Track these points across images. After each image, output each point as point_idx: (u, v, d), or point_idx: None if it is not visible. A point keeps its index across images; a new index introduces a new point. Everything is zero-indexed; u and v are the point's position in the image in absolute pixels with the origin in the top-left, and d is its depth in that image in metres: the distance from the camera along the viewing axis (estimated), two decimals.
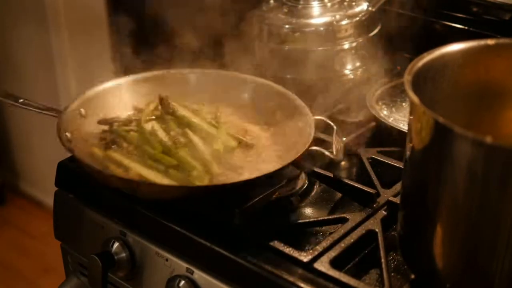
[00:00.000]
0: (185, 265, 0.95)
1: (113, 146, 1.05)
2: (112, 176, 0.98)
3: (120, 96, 1.15)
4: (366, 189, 0.99)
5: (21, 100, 1.09)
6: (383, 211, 0.97)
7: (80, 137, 1.05)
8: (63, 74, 2.29)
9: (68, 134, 1.02)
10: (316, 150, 1.02)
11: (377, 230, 0.93)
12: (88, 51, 2.24)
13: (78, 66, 2.28)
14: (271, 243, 0.91)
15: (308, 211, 1.03)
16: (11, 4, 2.35)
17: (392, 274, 0.89)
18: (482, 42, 0.87)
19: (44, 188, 2.62)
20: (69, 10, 2.22)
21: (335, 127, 1.06)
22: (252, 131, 1.12)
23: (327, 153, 1.01)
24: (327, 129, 1.09)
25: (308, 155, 1.01)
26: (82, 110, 1.09)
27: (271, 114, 1.13)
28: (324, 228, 0.97)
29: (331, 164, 1.11)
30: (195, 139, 1.06)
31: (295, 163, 0.99)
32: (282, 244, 0.90)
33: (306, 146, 0.99)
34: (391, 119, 1.18)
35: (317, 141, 1.04)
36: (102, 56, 2.25)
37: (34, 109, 1.07)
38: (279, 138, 1.10)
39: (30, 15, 2.29)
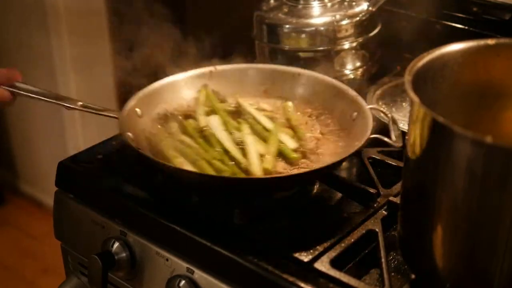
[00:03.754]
0: (185, 265, 0.95)
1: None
2: (181, 170, 0.97)
3: (174, 92, 1.16)
4: (366, 189, 0.99)
5: (80, 103, 1.08)
6: (383, 211, 0.97)
7: (142, 136, 1.06)
8: (64, 77, 2.29)
9: (130, 134, 1.03)
10: (377, 138, 1.02)
11: (377, 230, 0.93)
12: (88, 54, 2.24)
13: (78, 69, 2.28)
14: (271, 243, 0.91)
15: (308, 211, 1.03)
16: (12, 7, 2.35)
17: (392, 274, 0.89)
18: (482, 42, 0.87)
19: (44, 188, 2.62)
20: (70, 13, 2.22)
21: (390, 115, 1.07)
22: (309, 124, 1.13)
23: (387, 140, 1.02)
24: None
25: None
26: (138, 110, 1.09)
27: (326, 106, 1.14)
28: (324, 227, 0.97)
29: None
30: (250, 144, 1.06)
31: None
32: (282, 244, 0.90)
33: (368, 134, 1.00)
34: None
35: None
36: (102, 59, 2.25)
37: (94, 112, 1.07)
38: (337, 129, 1.11)
39: (31, 18, 2.29)
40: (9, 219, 2.67)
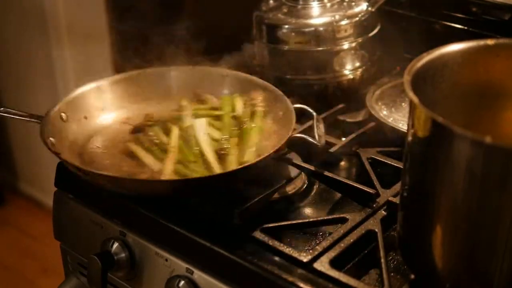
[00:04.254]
0: (184, 265, 0.95)
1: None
2: (101, 175, 0.98)
3: (100, 98, 1.16)
4: (365, 189, 0.99)
5: (1, 109, 1.09)
6: (383, 211, 0.97)
7: (65, 141, 1.07)
8: (64, 83, 2.29)
9: (52, 139, 1.04)
10: (299, 137, 1.02)
11: (376, 230, 0.93)
12: (89, 60, 2.24)
13: (79, 75, 2.28)
14: (271, 243, 0.91)
15: (308, 211, 1.03)
16: (12, 14, 2.35)
17: (392, 274, 0.89)
18: (481, 42, 0.87)
19: (43, 188, 2.62)
20: (70, 20, 2.22)
21: (314, 114, 1.07)
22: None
23: (310, 139, 1.01)
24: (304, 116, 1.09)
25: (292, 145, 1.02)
26: (63, 115, 1.10)
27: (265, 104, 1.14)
28: (324, 228, 0.97)
29: (330, 163, 1.11)
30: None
31: (277, 154, 1.00)
32: (282, 244, 0.90)
33: (289, 134, 1.00)
34: (391, 119, 1.18)
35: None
36: (103, 65, 2.25)
37: (16, 117, 1.09)
38: (272, 129, 1.10)
39: (31, 24, 2.29)
40: (9, 219, 2.67)
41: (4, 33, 2.44)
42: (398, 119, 1.18)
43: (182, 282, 0.94)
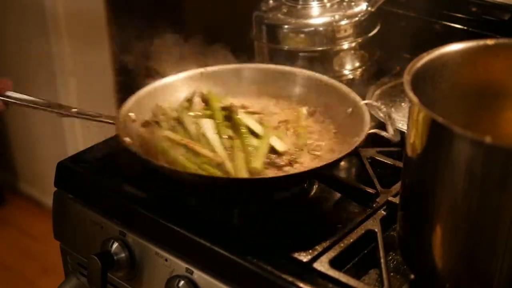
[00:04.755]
0: (184, 265, 0.95)
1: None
2: (188, 174, 0.96)
3: (167, 95, 1.15)
4: (365, 189, 0.99)
5: (75, 110, 1.08)
6: (383, 211, 0.97)
7: (137, 140, 1.05)
8: (64, 81, 2.29)
9: (127, 139, 1.02)
10: (375, 133, 1.01)
11: (376, 230, 0.93)
12: (88, 58, 2.24)
13: (78, 73, 2.28)
14: (271, 243, 0.91)
15: (308, 211, 1.03)
16: (12, 12, 2.35)
17: (392, 274, 0.89)
18: (481, 42, 0.87)
19: (43, 188, 2.62)
20: (70, 17, 2.22)
21: (385, 110, 1.07)
22: (307, 125, 1.12)
23: (385, 134, 1.01)
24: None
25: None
26: (132, 114, 1.09)
27: (320, 103, 1.14)
28: (324, 227, 0.97)
29: None
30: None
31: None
32: (282, 244, 0.90)
33: (366, 129, 0.99)
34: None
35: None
36: (102, 63, 2.25)
37: (90, 118, 1.07)
38: (333, 127, 1.10)
39: (31, 23, 2.29)
40: (9, 219, 2.67)
41: (4, 32, 2.43)
42: (398, 119, 1.18)
43: (182, 282, 0.94)
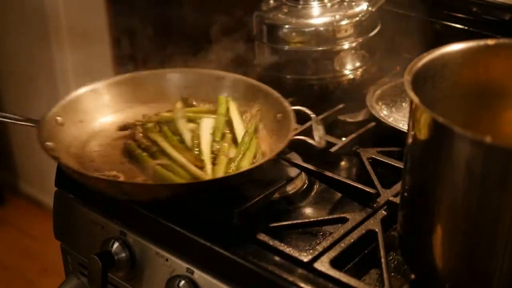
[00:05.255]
0: (185, 265, 0.95)
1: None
2: (99, 179, 0.98)
3: (97, 100, 1.15)
4: (366, 189, 0.99)
5: None
6: (383, 211, 0.97)
7: (62, 145, 1.06)
8: (65, 87, 2.29)
9: (49, 143, 1.02)
10: (299, 139, 1.02)
11: (377, 230, 0.93)
12: (89, 62, 2.24)
13: (79, 77, 2.28)
14: (271, 243, 0.91)
15: (308, 211, 1.03)
16: (13, 16, 2.35)
17: (392, 274, 0.89)
18: (481, 42, 0.87)
19: (44, 188, 2.62)
20: (71, 23, 2.22)
21: (313, 115, 1.07)
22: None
23: (310, 141, 1.01)
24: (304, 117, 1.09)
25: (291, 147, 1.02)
26: (59, 118, 1.08)
27: (249, 109, 1.13)
28: (324, 228, 0.97)
29: (330, 163, 1.11)
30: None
31: (281, 156, 0.99)
32: (282, 244, 0.90)
33: (289, 137, 1.00)
34: (391, 119, 1.18)
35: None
36: (103, 68, 2.25)
37: (11, 121, 1.07)
38: (261, 132, 1.10)
39: (32, 27, 2.29)
40: (9, 219, 2.68)
41: (4, 36, 2.44)
42: (398, 119, 1.18)
43: (182, 282, 0.94)
